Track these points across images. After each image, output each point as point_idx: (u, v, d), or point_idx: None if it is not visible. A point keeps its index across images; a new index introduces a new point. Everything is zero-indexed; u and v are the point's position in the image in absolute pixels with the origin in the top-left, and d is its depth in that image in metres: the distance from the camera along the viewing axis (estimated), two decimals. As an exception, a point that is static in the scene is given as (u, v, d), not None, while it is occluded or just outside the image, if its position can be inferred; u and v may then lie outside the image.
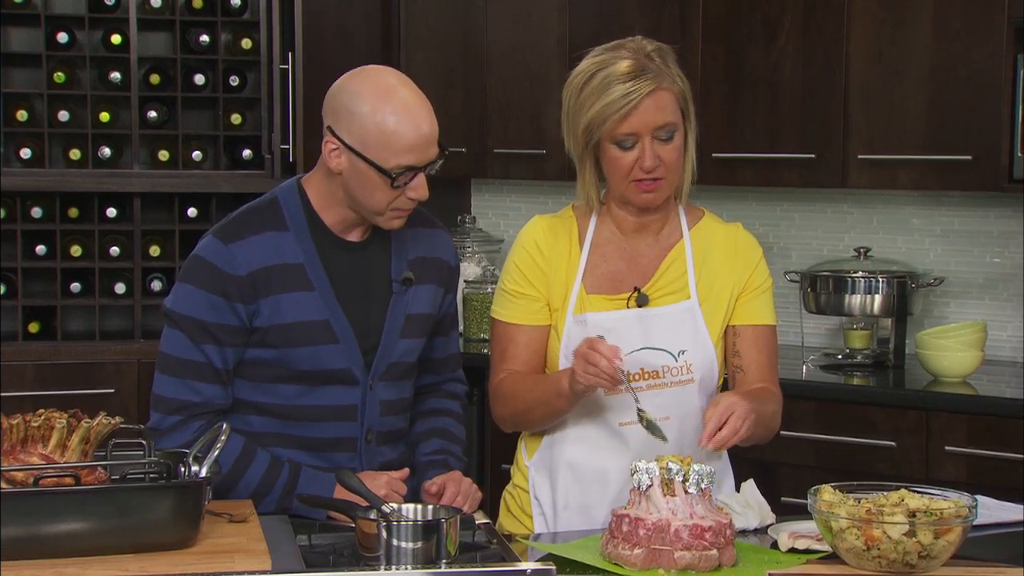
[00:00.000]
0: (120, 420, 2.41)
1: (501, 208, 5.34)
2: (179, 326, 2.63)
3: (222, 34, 4.69)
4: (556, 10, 4.70)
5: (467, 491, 2.66)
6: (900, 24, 4.17)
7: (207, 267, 2.62)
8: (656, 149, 2.63)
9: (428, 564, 2.24)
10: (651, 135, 2.62)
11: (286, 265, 2.63)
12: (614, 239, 2.77)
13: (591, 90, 2.64)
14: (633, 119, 2.61)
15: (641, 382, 2.68)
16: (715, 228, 2.80)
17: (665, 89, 2.62)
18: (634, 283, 2.74)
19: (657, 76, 2.61)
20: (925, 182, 4.23)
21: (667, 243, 2.77)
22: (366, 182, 2.58)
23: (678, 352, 2.70)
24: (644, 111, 2.61)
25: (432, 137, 2.57)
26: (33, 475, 2.27)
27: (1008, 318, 4.44)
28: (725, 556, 2.32)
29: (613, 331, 2.67)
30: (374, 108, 2.54)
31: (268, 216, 2.66)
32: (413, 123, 2.55)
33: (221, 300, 2.60)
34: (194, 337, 2.62)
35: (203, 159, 4.68)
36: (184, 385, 2.63)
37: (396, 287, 2.71)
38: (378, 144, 2.54)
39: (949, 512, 2.25)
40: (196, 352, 2.62)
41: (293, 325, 2.62)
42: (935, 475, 3.84)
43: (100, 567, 2.19)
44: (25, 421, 2.32)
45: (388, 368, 2.70)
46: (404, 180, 2.56)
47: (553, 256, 2.75)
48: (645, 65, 2.62)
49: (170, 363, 2.65)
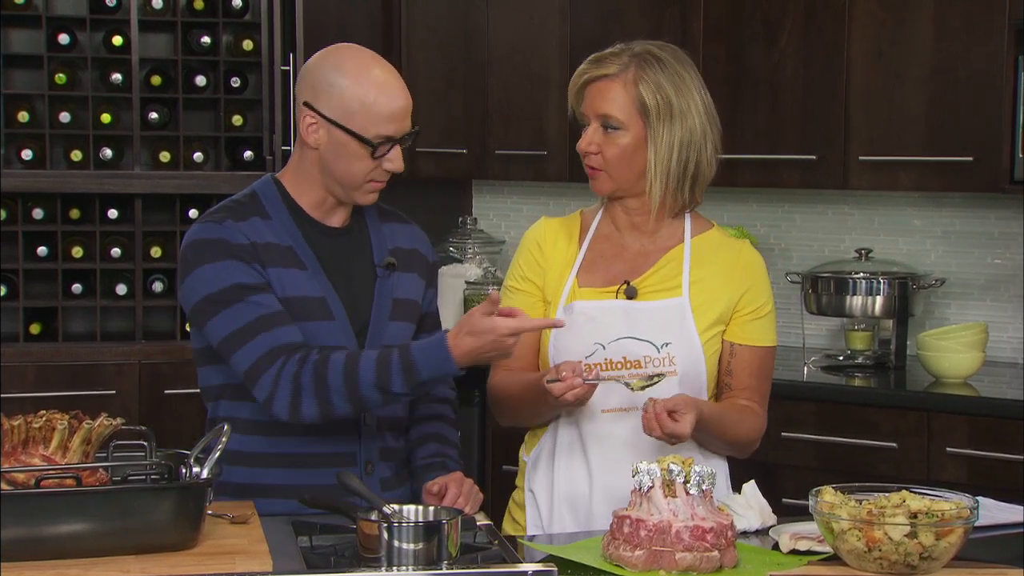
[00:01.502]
0: (121, 421, 2.41)
1: (502, 209, 5.34)
2: (219, 303, 2.59)
3: (223, 35, 4.69)
4: (557, 11, 4.70)
5: (468, 492, 2.67)
6: (901, 25, 4.17)
7: (211, 243, 2.63)
8: (598, 138, 2.72)
9: (429, 565, 2.24)
10: (599, 122, 2.72)
11: (279, 245, 2.67)
12: (612, 236, 2.81)
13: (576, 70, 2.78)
14: (584, 100, 2.74)
15: (623, 370, 2.70)
16: (720, 241, 2.82)
17: (618, 83, 2.70)
18: (625, 277, 2.76)
19: (621, 71, 2.70)
20: (926, 183, 4.23)
21: (665, 244, 2.79)
22: (345, 154, 2.64)
23: (661, 344, 2.72)
24: (591, 95, 2.74)
25: (408, 110, 2.67)
26: (34, 476, 2.27)
27: (1009, 319, 4.44)
28: (726, 557, 2.32)
29: (596, 319, 2.72)
30: (355, 80, 2.63)
31: (250, 206, 2.71)
32: (392, 94, 2.65)
33: (239, 263, 2.60)
34: (241, 298, 2.58)
35: (204, 160, 4.68)
36: (265, 339, 2.57)
37: (380, 272, 2.74)
38: (359, 114, 2.62)
39: (950, 513, 2.25)
40: (255, 308, 2.58)
41: (295, 299, 2.64)
42: (936, 476, 3.84)
43: (101, 568, 2.19)
44: (26, 422, 2.32)
45: None
46: (383, 151, 2.63)
47: (552, 253, 2.80)
48: (614, 57, 2.72)
49: (238, 336, 2.57)
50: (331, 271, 2.70)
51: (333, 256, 2.72)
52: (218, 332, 2.60)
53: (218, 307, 2.59)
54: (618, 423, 2.73)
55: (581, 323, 2.73)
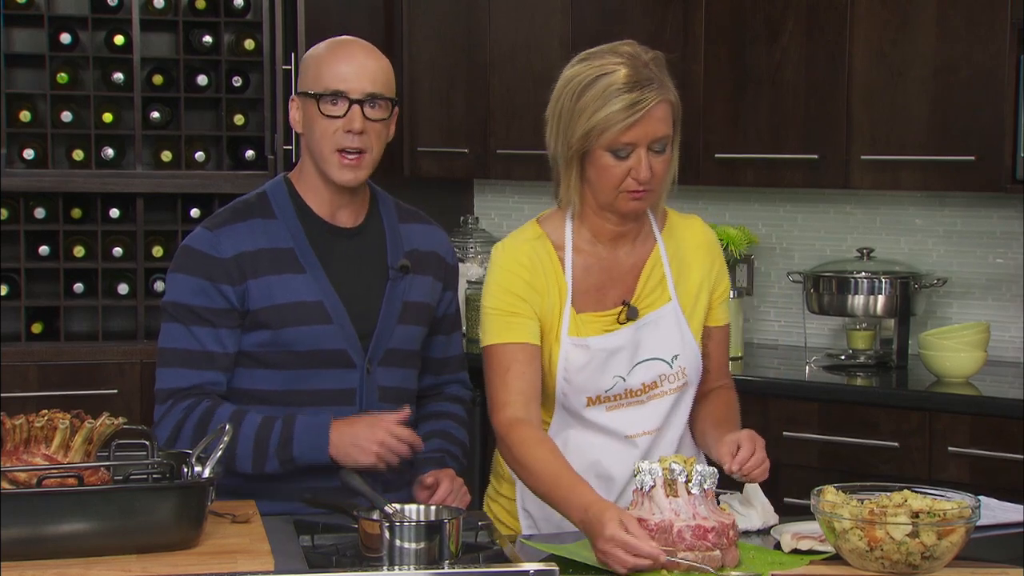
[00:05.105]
0: (123, 421, 2.41)
1: (504, 208, 5.34)
2: (171, 316, 2.68)
3: (225, 35, 4.69)
4: (559, 11, 4.70)
5: (457, 490, 2.67)
6: (903, 24, 4.16)
7: (192, 254, 2.68)
8: (651, 162, 2.57)
9: (431, 564, 2.24)
10: (647, 146, 2.56)
11: (276, 249, 2.68)
12: (592, 249, 2.70)
13: (592, 96, 2.56)
14: (636, 129, 2.54)
15: (642, 395, 2.69)
16: (679, 223, 2.78)
17: (666, 101, 2.58)
18: (619, 295, 2.70)
19: (660, 87, 2.56)
20: (928, 183, 4.23)
21: (643, 249, 2.73)
22: (310, 122, 2.68)
23: (672, 358, 2.70)
24: (647, 122, 2.54)
25: (368, 74, 2.66)
26: (36, 476, 2.27)
27: (1011, 319, 4.43)
28: (728, 557, 2.32)
29: (615, 353, 2.66)
30: (317, 48, 2.71)
31: (256, 206, 2.73)
32: (347, 53, 2.68)
33: (207, 283, 2.65)
34: (185, 322, 2.66)
35: (206, 160, 4.68)
36: (176, 374, 2.66)
37: (392, 274, 2.73)
38: (311, 71, 2.68)
39: (952, 513, 2.25)
40: (188, 338, 2.66)
41: (286, 306, 2.65)
42: (938, 476, 3.84)
43: (103, 568, 2.19)
44: (28, 422, 2.32)
45: (386, 354, 2.71)
46: (332, 105, 2.64)
47: (539, 274, 2.66)
48: (648, 75, 2.56)
49: (165, 355, 2.69)
50: (335, 273, 2.70)
51: (341, 257, 2.71)
52: (160, 338, 2.71)
53: (167, 316, 2.70)
54: (640, 442, 2.71)
55: (601, 359, 2.65)
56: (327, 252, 2.71)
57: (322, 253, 2.70)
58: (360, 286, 2.72)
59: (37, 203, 4.59)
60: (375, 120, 2.67)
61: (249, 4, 4.69)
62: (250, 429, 2.62)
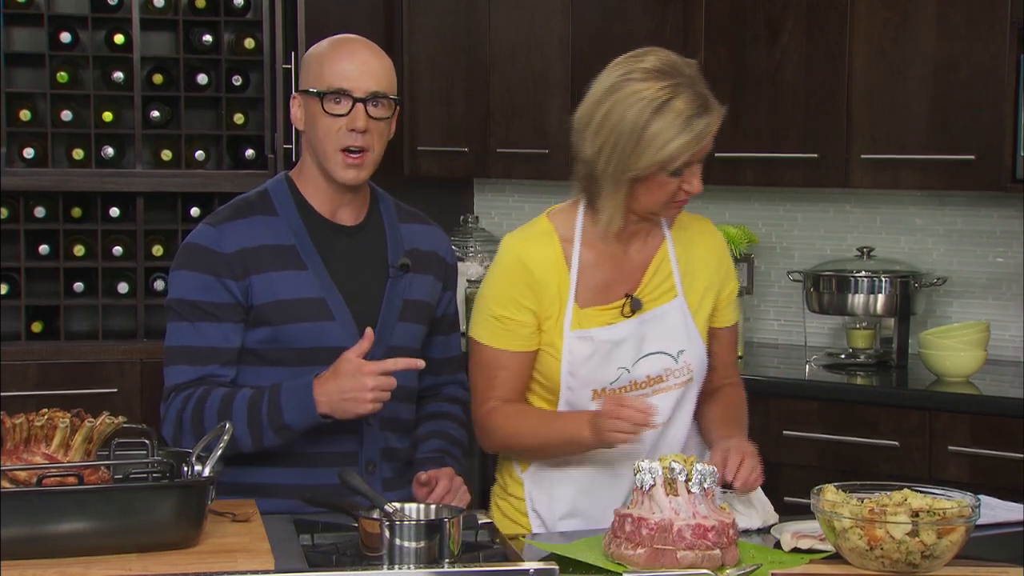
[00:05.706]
0: (123, 420, 2.41)
1: (504, 208, 5.34)
2: (176, 313, 2.69)
3: (225, 34, 4.69)
4: (559, 10, 4.70)
5: (456, 489, 2.67)
6: (903, 24, 4.16)
7: (195, 249, 2.69)
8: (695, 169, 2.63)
9: (431, 564, 2.24)
10: (699, 158, 2.62)
11: (279, 246, 2.69)
12: (603, 245, 2.72)
13: (662, 127, 2.54)
14: (698, 151, 2.60)
15: (647, 388, 2.69)
16: (689, 222, 2.81)
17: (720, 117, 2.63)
18: (624, 289, 2.72)
19: (715, 105, 2.60)
20: (928, 182, 4.23)
21: (653, 245, 2.76)
22: (312, 120, 2.68)
23: (677, 352, 2.71)
24: (707, 142, 2.60)
25: (371, 73, 2.66)
26: (36, 475, 2.27)
27: (1011, 318, 4.43)
28: (728, 556, 2.32)
29: (619, 345, 2.67)
30: (319, 46, 2.70)
31: (257, 204, 2.74)
32: (351, 51, 2.68)
33: (211, 278, 2.65)
34: (190, 319, 2.66)
35: (206, 159, 4.68)
36: (182, 370, 2.67)
37: (393, 272, 2.73)
38: (314, 69, 2.68)
39: (952, 512, 2.25)
40: (193, 335, 2.66)
41: (288, 302, 2.66)
42: (938, 475, 3.84)
43: (103, 567, 2.19)
44: (28, 421, 2.32)
45: (387, 351, 2.70)
46: (335, 103, 2.64)
47: (540, 273, 2.68)
48: (702, 93, 2.60)
49: (171, 354, 2.70)
50: (336, 270, 2.70)
51: (342, 255, 2.72)
52: (166, 337, 2.71)
53: (171, 315, 2.70)
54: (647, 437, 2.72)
55: (605, 350, 2.68)
56: (328, 249, 2.71)
57: (323, 250, 2.71)
58: (361, 284, 2.72)
59: (37, 202, 4.59)
60: (378, 119, 2.67)
61: (249, 3, 4.69)
62: (242, 404, 2.62)
